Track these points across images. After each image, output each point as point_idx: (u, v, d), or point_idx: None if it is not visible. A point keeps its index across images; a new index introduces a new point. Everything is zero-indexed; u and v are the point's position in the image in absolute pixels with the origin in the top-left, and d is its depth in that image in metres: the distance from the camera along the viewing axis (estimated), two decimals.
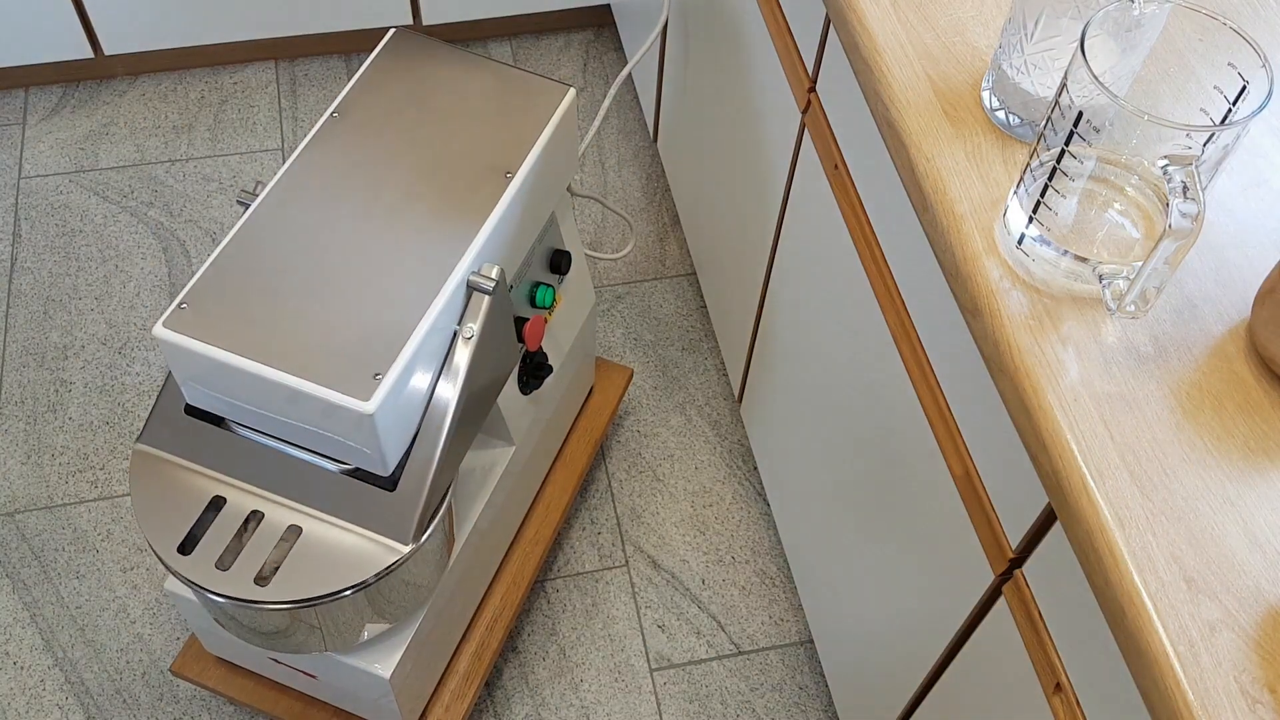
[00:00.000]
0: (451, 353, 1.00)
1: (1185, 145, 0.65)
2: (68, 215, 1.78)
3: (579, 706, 1.39)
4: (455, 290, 0.97)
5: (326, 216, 1.00)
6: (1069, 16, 0.75)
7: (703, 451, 1.59)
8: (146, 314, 1.68)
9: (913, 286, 0.91)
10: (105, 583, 1.45)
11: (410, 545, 0.99)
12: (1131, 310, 0.71)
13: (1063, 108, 0.69)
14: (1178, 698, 0.60)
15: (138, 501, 1.01)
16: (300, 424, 0.95)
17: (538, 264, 1.18)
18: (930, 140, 0.81)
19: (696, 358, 1.68)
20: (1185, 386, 0.71)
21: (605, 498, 1.55)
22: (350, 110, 1.07)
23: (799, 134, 1.11)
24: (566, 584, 1.48)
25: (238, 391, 0.95)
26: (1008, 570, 0.82)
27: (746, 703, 1.40)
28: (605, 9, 2.05)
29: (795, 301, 1.21)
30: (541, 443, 1.34)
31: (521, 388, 1.19)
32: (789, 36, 1.10)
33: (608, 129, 1.92)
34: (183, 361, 0.95)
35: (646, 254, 1.78)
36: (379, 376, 0.91)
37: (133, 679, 1.38)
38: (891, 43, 0.86)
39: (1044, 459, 0.69)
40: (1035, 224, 0.73)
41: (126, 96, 1.94)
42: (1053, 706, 0.77)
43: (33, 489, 1.52)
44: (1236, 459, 0.68)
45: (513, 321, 1.08)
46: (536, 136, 1.07)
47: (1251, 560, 0.64)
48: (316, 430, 0.95)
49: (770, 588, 1.48)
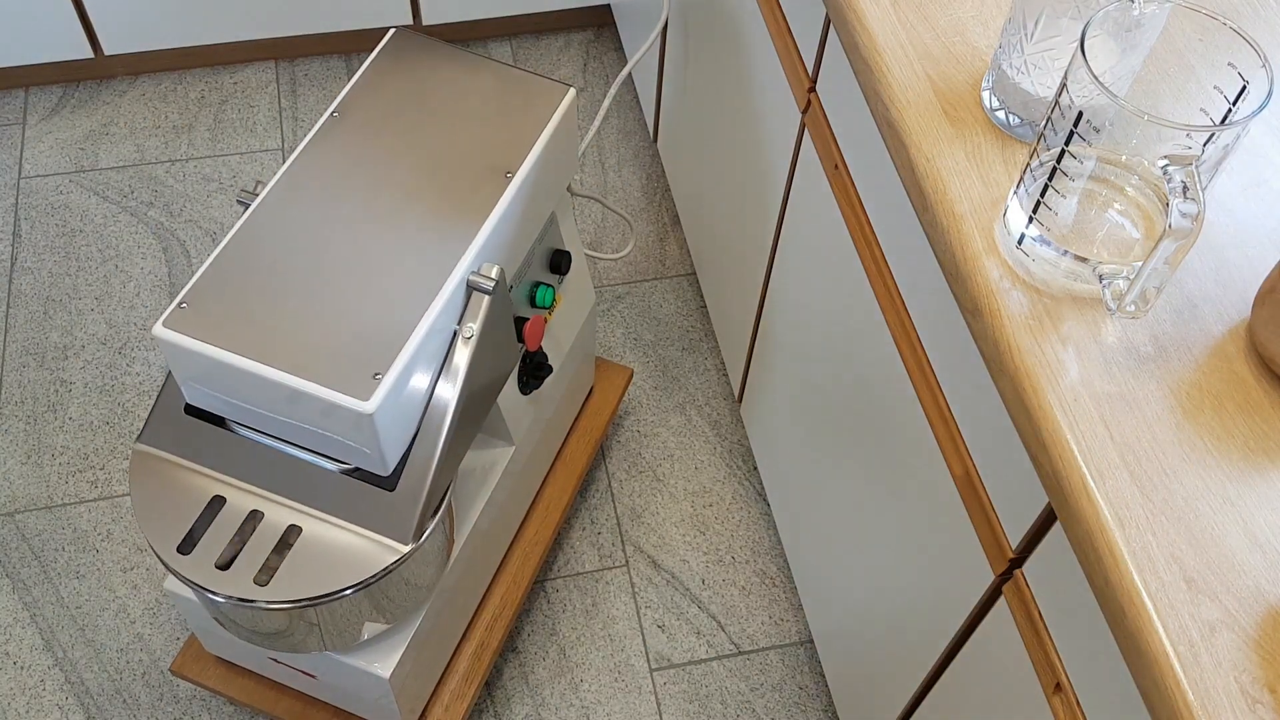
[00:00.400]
0: (451, 353, 1.00)
1: (1185, 145, 0.65)
2: (68, 215, 1.78)
3: (579, 706, 1.39)
4: (455, 290, 0.97)
5: (326, 216, 1.00)
6: (1069, 16, 0.75)
7: (703, 451, 1.59)
8: (146, 314, 1.68)
9: (913, 286, 0.91)
10: (105, 583, 1.45)
11: (410, 545, 0.99)
12: (1131, 310, 0.71)
13: (1063, 108, 0.69)
14: (1178, 698, 0.60)
15: (138, 501, 1.01)
16: (300, 424, 0.95)
17: (538, 264, 1.18)
18: (930, 140, 0.81)
19: (696, 358, 1.68)
20: (1185, 386, 0.71)
21: (605, 498, 1.55)
22: (350, 110, 1.07)
23: (799, 134, 1.11)
24: (566, 584, 1.48)
25: (238, 391, 0.95)
26: (1008, 570, 0.82)
27: (746, 703, 1.40)
28: (605, 9, 2.05)
29: (795, 301, 1.21)
30: (541, 443, 1.34)
31: (521, 388, 1.19)
32: (789, 36, 1.10)
33: (608, 129, 1.92)
34: (183, 361, 0.95)
35: (646, 254, 1.78)
36: (379, 376, 0.91)
37: (133, 679, 1.38)
38: (891, 43, 0.86)
39: (1044, 459, 0.69)
40: (1035, 224, 0.73)
41: (126, 96, 1.94)
42: (1053, 706, 0.77)
43: (33, 489, 1.52)
44: (1236, 459, 0.68)
45: (513, 321, 1.08)
46: (536, 136, 1.07)
47: (1251, 560, 0.64)
48: (316, 430, 0.95)
49: (770, 588, 1.48)
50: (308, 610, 0.99)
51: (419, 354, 0.94)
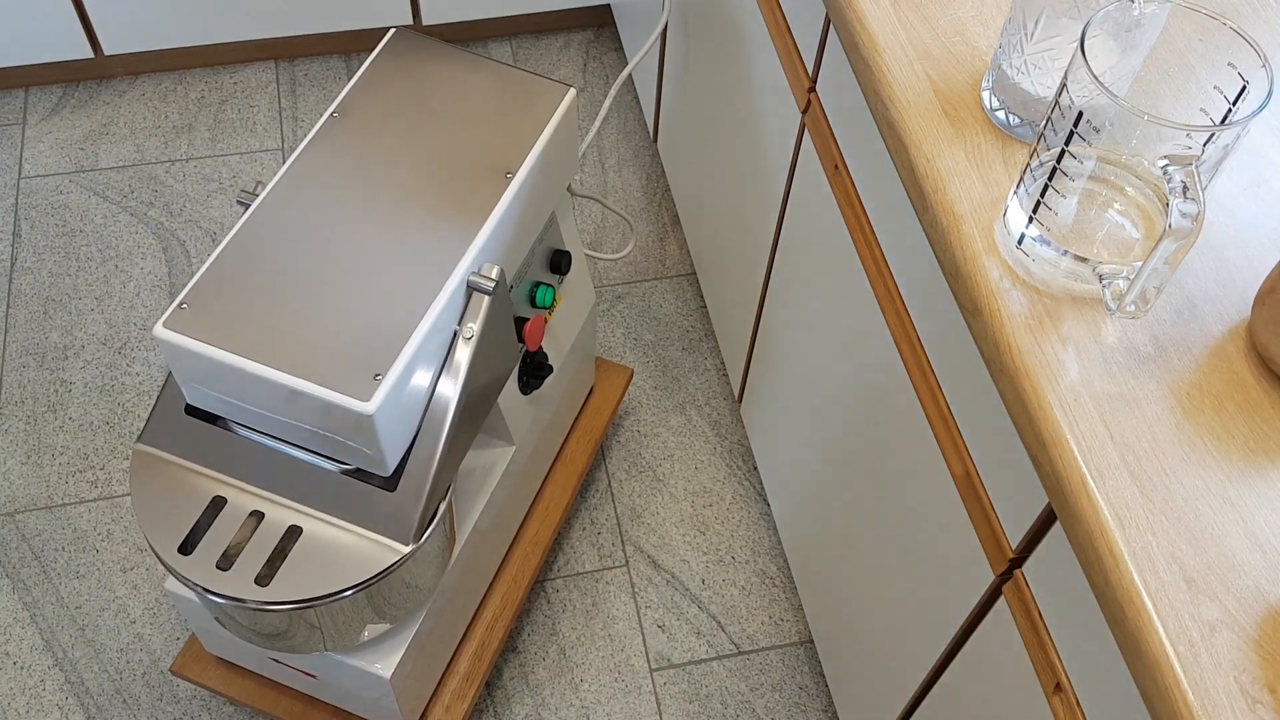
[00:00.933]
0: (452, 352, 1.00)
1: (1185, 145, 0.65)
2: (68, 215, 1.78)
3: (579, 706, 1.39)
4: (455, 290, 0.97)
5: (327, 216, 1.00)
6: (1069, 16, 0.75)
7: (703, 451, 1.59)
8: (146, 314, 1.68)
9: (913, 286, 0.91)
10: (105, 583, 1.45)
11: (410, 545, 0.99)
12: (1131, 310, 0.71)
13: (1063, 108, 0.69)
14: (1178, 698, 0.60)
15: (138, 501, 1.01)
16: (300, 424, 0.95)
17: (538, 264, 1.18)
18: (930, 140, 0.81)
19: (696, 358, 1.68)
20: (1185, 386, 0.71)
21: (605, 498, 1.55)
22: (350, 110, 1.07)
23: (799, 134, 1.11)
24: (566, 584, 1.48)
25: (238, 391, 0.95)
26: (1008, 570, 0.82)
27: (746, 703, 1.40)
28: (605, 9, 2.05)
29: (795, 301, 1.21)
30: (542, 443, 1.34)
31: (521, 388, 1.19)
32: (789, 36, 1.10)
33: (608, 129, 1.92)
34: (183, 361, 0.95)
35: (646, 254, 1.78)
36: (379, 377, 0.91)
37: (133, 679, 1.38)
38: (891, 43, 0.86)
39: (1044, 459, 0.69)
40: (1035, 224, 0.73)
41: (126, 96, 1.94)
42: (1053, 706, 0.77)
43: (33, 489, 1.52)
44: (1236, 459, 0.68)
45: (513, 321, 1.08)
46: (537, 137, 1.07)
47: (1251, 560, 0.64)
48: (317, 430, 0.95)
49: (770, 588, 1.48)
50: (308, 611, 0.99)
51: (419, 354, 0.94)
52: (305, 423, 0.95)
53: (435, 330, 0.96)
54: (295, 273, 0.96)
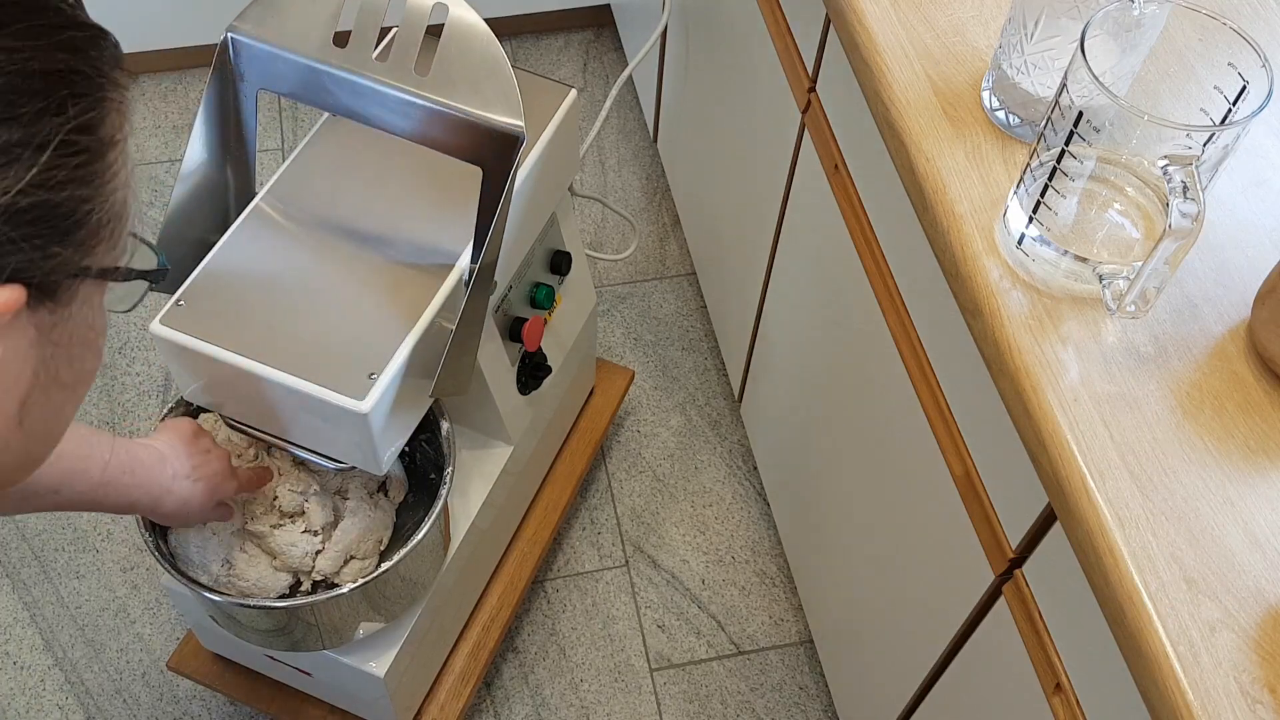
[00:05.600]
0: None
1: (1185, 145, 0.65)
2: None
3: (579, 706, 1.39)
4: (453, 290, 0.97)
5: (324, 216, 1.00)
6: (1069, 16, 0.75)
7: (703, 451, 1.59)
8: (146, 314, 1.68)
9: (913, 286, 0.91)
10: (105, 583, 1.45)
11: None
12: (1131, 310, 0.71)
13: (1063, 108, 0.69)
14: (1178, 698, 0.60)
15: None
16: (295, 422, 0.95)
17: (538, 264, 1.18)
18: (930, 140, 0.80)
19: (696, 358, 1.68)
20: (1185, 386, 0.71)
21: (605, 498, 1.55)
22: None
23: (799, 134, 1.11)
24: (566, 584, 1.47)
25: (233, 389, 0.95)
26: (1008, 570, 0.82)
27: (746, 703, 1.40)
28: (605, 9, 2.05)
29: (795, 301, 1.21)
30: (541, 443, 1.34)
31: (520, 388, 1.19)
32: (789, 36, 1.10)
33: (608, 129, 1.92)
34: (178, 358, 0.94)
35: (647, 254, 1.78)
36: (374, 376, 0.90)
37: (133, 678, 1.38)
38: (891, 43, 0.86)
39: (1044, 459, 0.69)
40: (1035, 224, 0.73)
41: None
42: (1053, 706, 0.77)
43: None
44: (1236, 459, 0.68)
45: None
46: (537, 137, 1.06)
47: (1251, 560, 0.64)
48: (311, 428, 0.95)
49: (770, 588, 1.48)
50: (304, 608, 0.99)
51: (414, 354, 0.94)
52: (299, 421, 0.95)
53: (431, 331, 0.96)
54: (292, 272, 0.96)
